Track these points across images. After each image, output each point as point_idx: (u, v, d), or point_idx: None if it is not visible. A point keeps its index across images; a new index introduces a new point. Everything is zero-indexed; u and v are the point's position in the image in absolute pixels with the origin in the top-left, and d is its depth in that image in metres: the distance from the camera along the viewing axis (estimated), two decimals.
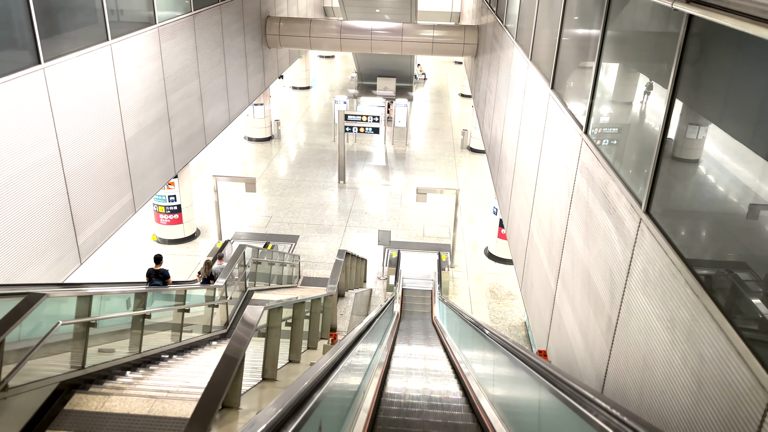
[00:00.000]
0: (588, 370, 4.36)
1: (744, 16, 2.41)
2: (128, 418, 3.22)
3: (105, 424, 3.18)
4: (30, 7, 6.52)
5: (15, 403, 3.03)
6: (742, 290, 2.49)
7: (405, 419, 4.10)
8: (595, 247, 4.32)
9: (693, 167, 3.09)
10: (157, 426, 3.12)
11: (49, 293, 3.24)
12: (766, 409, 2.11)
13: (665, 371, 2.98)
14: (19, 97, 6.45)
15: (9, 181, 6.33)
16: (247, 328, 2.89)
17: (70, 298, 3.58)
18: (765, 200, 2.42)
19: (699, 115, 3.05)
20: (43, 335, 3.13)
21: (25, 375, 3.10)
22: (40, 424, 3.17)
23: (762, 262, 2.41)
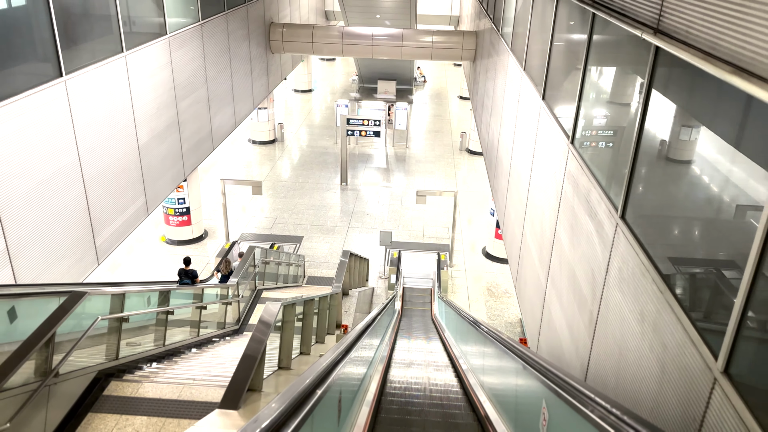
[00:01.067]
0: (573, 360, 4.73)
1: (697, 50, 2.78)
2: (160, 402, 3.60)
3: (140, 407, 3.56)
4: (53, 23, 6.90)
5: (63, 389, 3.40)
6: (696, 287, 2.86)
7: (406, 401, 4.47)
8: (580, 249, 4.69)
9: (659, 179, 3.46)
10: (187, 409, 3.49)
11: (89, 291, 3.61)
12: (712, 386, 2.48)
13: (636, 359, 3.35)
14: (44, 109, 6.83)
15: (35, 187, 6.71)
16: (268, 320, 3.26)
17: (103, 295, 3.95)
18: (715, 209, 2.79)
19: (664, 135, 3.42)
20: (85, 329, 3.50)
21: (70, 365, 3.47)
22: (84, 407, 3.54)
23: (712, 262, 2.79)
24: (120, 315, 4.04)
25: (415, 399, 4.67)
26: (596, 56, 4.78)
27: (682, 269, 3.02)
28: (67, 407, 3.46)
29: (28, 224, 6.61)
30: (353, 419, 3.50)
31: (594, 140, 4.69)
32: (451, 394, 5.54)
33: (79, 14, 7.79)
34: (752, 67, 2.29)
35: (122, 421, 3.43)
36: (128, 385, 3.76)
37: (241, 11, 15.28)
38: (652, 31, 3.38)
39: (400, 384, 5.65)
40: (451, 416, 4.61)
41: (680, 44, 2.99)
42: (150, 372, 4.28)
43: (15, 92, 6.33)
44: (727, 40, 2.52)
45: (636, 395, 3.34)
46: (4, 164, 6.17)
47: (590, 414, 2.24)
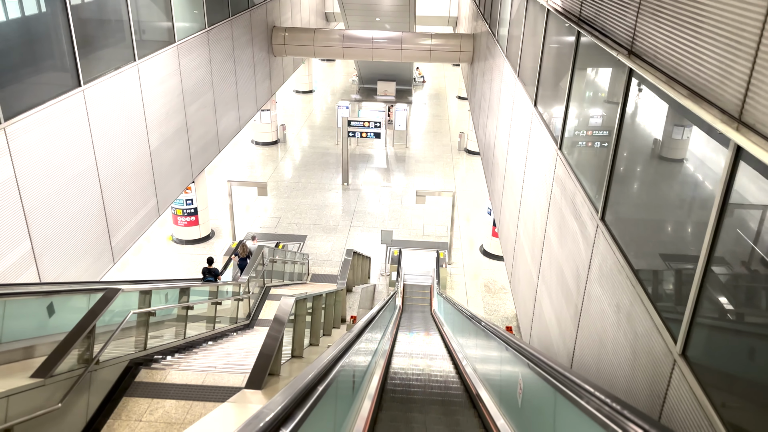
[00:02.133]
0: (561, 349, 5.10)
1: (662, 74, 3.14)
2: (187, 387, 3.96)
3: (168, 392, 3.92)
4: (72, 37, 7.25)
5: (101, 375, 3.77)
6: (660, 280, 3.23)
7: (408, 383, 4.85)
8: (567, 247, 5.06)
9: (631, 186, 3.83)
10: (211, 393, 3.86)
11: (122, 288, 3.98)
12: (672, 367, 2.85)
13: (613, 345, 3.72)
14: (64, 117, 7.19)
15: (57, 191, 7.07)
16: (284, 313, 3.63)
17: (133, 292, 4.32)
18: (675, 214, 3.16)
19: (637, 147, 3.79)
20: (115, 323, 3.86)
21: (106, 354, 3.84)
22: (118, 392, 3.91)
23: (672, 258, 3.15)
24: (150, 309, 4.41)
25: (415, 382, 5.06)
26: (581, 69, 5.14)
27: (649, 265, 3.39)
28: (105, 392, 3.83)
29: (51, 226, 6.98)
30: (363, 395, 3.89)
31: (578, 147, 5.06)
32: (448, 378, 5.94)
33: (96, 26, 8.14)
34: (703, 92, 2.66)
35: (153, 404, 3.80)
36: (156, 373, 4.13)
37: (245, 17, 15.62)
38: (626, 52, 3.75)
39: (402, 371, 6.04)
40: (448, 395, 5.01)
41: (649, 67, 3.35)
42: (174, 361, 4.66)
43: (39, 102, 6.70)
44: (685, 66, 2.88)
45: (613, 378, 3.72)
46: (30, 170, 6.54)
47: (547, 376, 2.65)
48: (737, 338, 2.54)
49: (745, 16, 2.31)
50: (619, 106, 3.83)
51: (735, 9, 2.39)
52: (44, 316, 4.05)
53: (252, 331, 7.71)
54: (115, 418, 3.63)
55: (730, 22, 2.43)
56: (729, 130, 2.37)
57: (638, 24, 3.61)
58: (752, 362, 2.36)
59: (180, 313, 5.45)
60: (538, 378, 2.85)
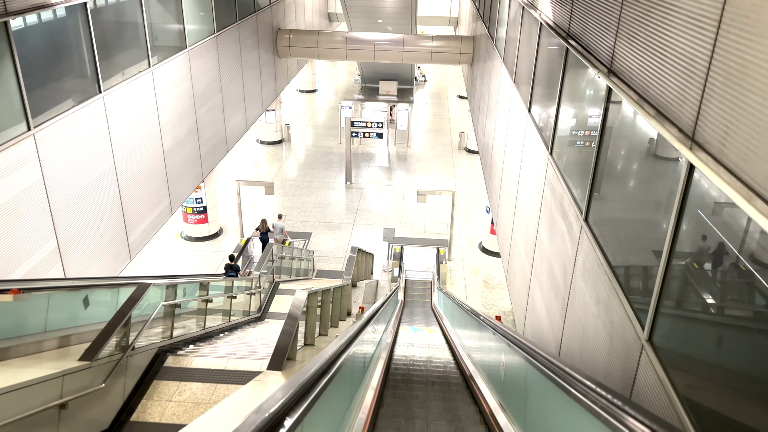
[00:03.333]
0: (550, 339, 5.49)
1: (634, 92, 3.52)
2: (211, 372, 4.36)
3: (194, 375, 4.32)
4: (93, 47, 7.64)
5: (135, 361, 4.16)
6: (631, 275, 3.62)
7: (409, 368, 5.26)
8: (556, 245, 5.44)
9: (610, 191, 4.22)
10: (233, 376, 4.26)
11: (152, 283, 4.37)
12: (640, 352, 3.24)
13: (594, 334, 4.11)
14: (86, 122, 7.58)
15: (79, 192, 7.47)
16: (299, 303, 4.02)
17: (161, 286, 4.72)
18: (643, 216, 3.55)
19: (615, 155, 4.17)
20: (143, 314, 4.27)
21: (139, 342, 4.24)
22: (150, 375, 4.31)
23: (640, 255, 3.54)
24: (177, 302, 4.81)
25: (416, 368, 5.46)
26: (569, 80, 5.51)
27: (623, 262, 3.78)
28: (138, 376, 4.22)
29: (74, 225, 7.38)
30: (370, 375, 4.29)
31: (566, 153, 5.43)
32: (445, 364, 6.36)
33: (114, 37, 8.52)
34: (666, 112, 3.03)
35: (182, 386, 4.19)
36: (182, 359, 4.52)
37: (251, 20, 15.98)
38: (606, 71, 4.12)
39: (404, 357, 6.46)
40: (445, 377, 5.43)
41: (624, 85, 3.73)
42: (196, 349, 5.06)
43: (64, 109, 7.10)
44: (653, 88, 3.26)
45: (593, 363, 4.11)
46: (56, 173, 6.94)
47: (522, 351, 3.06)
48: (692, 325, 2.93)
49: (697, 47, 2.69)
50: (600, 118, 4.21)
51: (690, 40, 2.77)
52: (81, 308, 4.45)
53: (263, 323, 8.13)
54: (148, 399, 4.02)
55: (686, 51, 2.81)
56: (683, 148, 2.76)
57: (617, 45, 3.98)
58: (703, 346, 2.75)
59: (200, 306, 5.86)
60: (517, 355, 3.27)
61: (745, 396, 2.31)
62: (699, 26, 2.69)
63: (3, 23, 5.86)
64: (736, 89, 2.34)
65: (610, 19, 4.15)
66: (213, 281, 6.35)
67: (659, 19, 3.19)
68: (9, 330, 3.65)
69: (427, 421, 4.28)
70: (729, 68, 2.40)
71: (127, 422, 3.71)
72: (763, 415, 2.14)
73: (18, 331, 3.73)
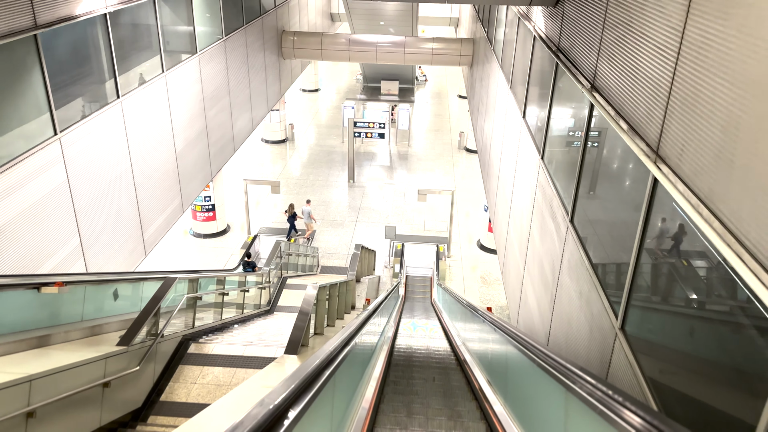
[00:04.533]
0: (540, 330, 5.90)
1: (611, 107, 3.90)
2: (231, 357, 4.76)
3: (216, 361, 4.73)
4: (113, 55, 8.03)
5: (163, 347, 4.56)
6: (607, 271, 4.02)
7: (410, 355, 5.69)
8: (545, 244, 5.84)
9: (591, 195, 4.61)
10: (251, 362, 4.65)
11: (178, 277, 4.77)
12: (614, 339, 3.64)
13: (577, 324, 4.51)
14: (106, 126, 7.98)
15: (100, 192, 7.88)
16: (311, 296, 4.42)
17: (184, 281, 5.13)
18: (618, 217, 3.94)
19: (595, 162, 4.57)
20: (177, 305, 4.67)
21: (166, 330, 4.64)
22: (175, 360, 4.72)
23: (614, 252, 3.93)
24: (199, 294, 5.22)
25: (416, 354, 5.88)
26: (559, 91, 5.89)
27: (601, 259, 4.18)
28: (165, 361, 4.62)
29: (95, 223, 7.79)
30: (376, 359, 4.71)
31: (555, 159, 5.82)
32: (443, 352, 6.78)
33: (131, 44, 8.91)
34: (638, 128, 3.43)
35: (205, 370, 4.59)
36: (204, 346, 4.93)
37: (257, 23, 16.34)
38: (589, 86, 4.51)
39: (405, 346, 6.88)
40: (443, 362, 5.86)
41: (604, 101, 4.12)
42: (215, 338, 5.47)
43: (86, 114, 7.49)
44: (627, 105, 3.65)
45: (576, 351, 4.52)
46: (79, 174, 7.34)
47: (504, 334, 3.47)
48: (655, 315, 3.33)
49: (662, 72, 3.08)
50: (584, 128, 4.60)
51: (656, 66, 3.16)
52: (111, 300, 4.85)
53: (273, 316, 8.54)
54: (175, 381, 4.42)
55: (653, 75, 3.20)
56: (649, 161, 3.15)
57: (599, 64, 4.37)
58: (664, 333, 3.15)
59: (217, 299, 6.27)
60: (499, 336, 3.70)
61: (697, 375, 2.71)
62: (663, 55, 3.08)
63: (33, 36, 6.25)
64: (690, 113, 2.74)
65: (593, 39, 4.54)
66: (229, 276, 6.77)
67: (633, 44, 3.58)
68: (53, 319, 4.05)
69: (427, 393, 4.72)
70: (685, 95, 2.80)
71: (157, 402, 4.11)
72: (711, 391, 2.55)
73: (60, 320, 4.13)
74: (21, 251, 6.28)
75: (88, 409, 3.38)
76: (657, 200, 3.19)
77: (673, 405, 2.85)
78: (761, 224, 2.09)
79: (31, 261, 6.47)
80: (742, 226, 2.24)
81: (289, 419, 1.47)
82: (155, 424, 3.87)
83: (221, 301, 6.34)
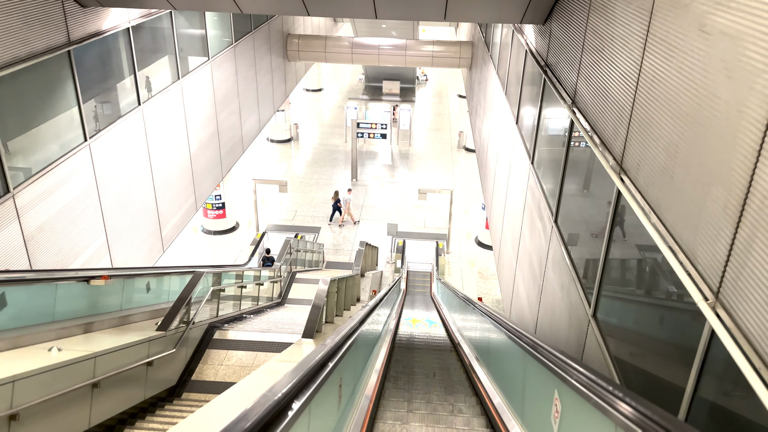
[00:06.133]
0: (529, 320, 6.43)
1: (588, 123, 4.41)
2: (252, 342, 5.30)
3: (239, 345, 5.26)
4: (134, 66, 8.55)
5: (193, 333, 5.10)
6: (581, 265, 4.55)
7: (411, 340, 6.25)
8: (534, 241, 6.36)
9: (570, 199, 5.13)
10: (270, 346, 5.19)
11: (205, 271, 5.31)
12: (588, 325, 4.17)
13: (559, 313, 5.04)
14: (128, 131, 8.51)
15: (123, 192, 8.41)
16: (323, 288, 4.94)
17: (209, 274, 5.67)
18: (592, 221, 4.45)
19: (577, 169, 5.08)
20: (205, 295, 5.21)
21: (195, 319, 5.18)
22: (203, 345, 5.25)
23: (588, 248, 4.45)
24: (222, 287, 5.75)
25: (416, 340, 6.43)
26: (547, 102, 6.40)
27: (577, 255, 4.70)
28: (195, 345, 5.16)
29: (119, 222, 8.32)
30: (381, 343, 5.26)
31: (543, 164, 6.34)
32: (441, 339, 7.35)
33: (149, 55, 9.43)
34: (606, 143, 3.94)
35: (229, 354, 5.12)
36: (227, 332, 5.46)
37: (264, 28, 16.82)
38: (570, 102, 5.02)
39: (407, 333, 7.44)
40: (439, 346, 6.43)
41: (581, 117, 4.63)
42: (236, 326, 6.01)
43: (112, 120, 8.02)
44: (600, 122, 4.16)
45: (558, 337, 5.05)
46: (106, 177, 7.87)
47: (490, 318, 4.00)
48: (618, 304, 3.86)
49: (625, 97, 3.59)
50: (566, 139, 5.11)
51: (621, 90, 3.67)
52: (142, 292, 5.39)
53: (284, 307, 9.09)
54: (203, 363, 4.95)
55: (619, 98, 3.71)
56: (614, 174, 3.67)
57: (578, 82, 4.88)
58: (624, 318, 3.68)
59: (236, 291, 6.81)
60: (486, 321, 4.26)
61: (647, 351, 3.24)
62: (627, 83, 3.59)
63: (67, 52, 6.77)
64: (644, 135, 3.26)
65: (574, 59, 5.05)
66: (246, 271, 7.31)
67: (605, 69, 4.10)
68: (98, 308, 4.58)
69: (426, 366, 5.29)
70: (642, 119, 3.31)
71: (188, 381, 4.64)
72: (656, 363, 3.08)
73: (102, 309, 4.66)
74: (57, 247, 6.83)
75: (136, 385, 3.91)
76: (621, 207, 3.71)
77: (631, 377, 3.38)
78: (690, 229, 2.62)
79: (65, 256, 7.02)
80: (678, 230, 2.77)
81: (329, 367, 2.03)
82: (189, 399, 4.39)
83: (240, 293, 6.88)
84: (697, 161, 2.60)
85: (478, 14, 7.37)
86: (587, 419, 2.33)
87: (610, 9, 4.02)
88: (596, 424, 2.19)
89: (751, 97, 2.16)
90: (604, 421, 2.07)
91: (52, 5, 6.47)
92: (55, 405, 3.11)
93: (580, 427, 2.51)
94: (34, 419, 2.99)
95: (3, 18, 5.68)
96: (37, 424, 3.03)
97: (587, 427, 2.38)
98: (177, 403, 4.24)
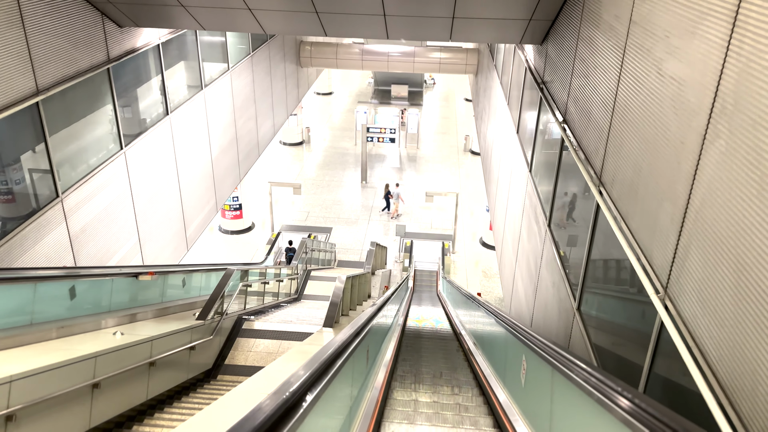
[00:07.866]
0: (526, 315, 6.96)
1: (576, 139, 4.94)
2: (276, 332, 5.87)
3: (265, 335, 5.84)
4: (164, 79, 9.17)
5: (225, 324, 5.68)
6: (568, 264, 5.08)
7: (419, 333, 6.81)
8: (531, 243, 6.89)
9: (561, 206, 5.66)
10: (292, 335, 5.76)
11: (235, 268, 5.89)
12: (573, 317, 4.70)
13: (551, 309, 5.57)
14: (159, 139, 9.13)
15: (153, 195, 9.03)
16: (340, 284, 5.51)
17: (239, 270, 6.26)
18: (577, 227, 4.98)
19: (566, 181, 5.60)
20: (235, 290, 5.80)
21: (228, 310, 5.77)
22: (233, 333, 5.84)
23: (574, 248, 4.98)
24: (250, 282, 6.35)
25: (424, 333, 7.00)
26: (543, 116, 6.92)
27: (566, 256, 5.23)
28: (227, 334, 5.74)
29: (149, 223, 8.95)
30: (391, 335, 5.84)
31: (539, 173, 6.87)
32: (446, 332, 7.91)
33: (177, 68, 10.05)
34: (589, 158, 4.47)
35: (257, 342, 5.70)
36: (253, 323, 6.04)
37: (279, 37, 17.43)
38: (562, 119, 5.55)
39: (415, 327, 8.02)
40: (443, 338, 7.00)
41: (570, 133, 5.16)
42: (261, 317, 6.60)
43: (144, 129, 8.65)
44: (584, 138, 4.69)
45: (550, 330, 5.58)
46: (138, 182, 8.49)
47: (490, 313, 4.55)
48: (596, 297, 4.39)
49: (604, 119, 4.12)
50: (558, 150, 5.64)
51: (601, 112, 4.20)
52: (178, 287, 5.99)
53: (301, 303, 9.69)
54: (234, 350, 5.53)
55: (600, 119, 4.24)
56: (593, 186, 4.20)
57: (568, 102, 5.41)
58: (605, 311, 4.21)
59: (259, 287, 7.41)
60: (483, 313, 4.83)
61: (618, 338, 3.77)
62: (605, 107, 4.12)
63: (107, 69, 7.40)
64: (617, 154, 3.79)
65: (565, 80, 5.57)
66: (269, 269, 7.92)
67: (588, 93, 4.63)
68: (142, 301, 5.17)
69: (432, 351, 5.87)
70: (615, 139, 3.84)
71: (222, 365, 5.22)
72: (623, 347, 3.62)
73: (146, 301, 5.25)
74: (96, 247, 7.45)
75: (180, 367, 4.49)
76: (599, 216, 4.24)
77: (606, 361, 3.92)
78: (649, 235, 3.15)
79: (103, 255, 7.64)
80: (640, 236, 3.30)
81: (352, 346, 2.59)
82: (223, 380, 4.97)
83: (263, 289, 7.48)
84: (654, 180, 3.13)
85: (480, 36, 7.92)
86: (544, 377, 2.88)
87: (594, 41, 4.55)
88: (560, 391, 2.74)
89: (689, 133, 2.70)
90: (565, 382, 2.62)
91: (95, 27, 7.09)
92: (124, 379, 3.71)
93: (540, 384, 3.07)
94: (109, 389, 3.61)
95: (55, 42, 6.31)
96: (112, 393, 3.64)
97: (544, 383, 2.94)
98: (213, 383, 4.82)
